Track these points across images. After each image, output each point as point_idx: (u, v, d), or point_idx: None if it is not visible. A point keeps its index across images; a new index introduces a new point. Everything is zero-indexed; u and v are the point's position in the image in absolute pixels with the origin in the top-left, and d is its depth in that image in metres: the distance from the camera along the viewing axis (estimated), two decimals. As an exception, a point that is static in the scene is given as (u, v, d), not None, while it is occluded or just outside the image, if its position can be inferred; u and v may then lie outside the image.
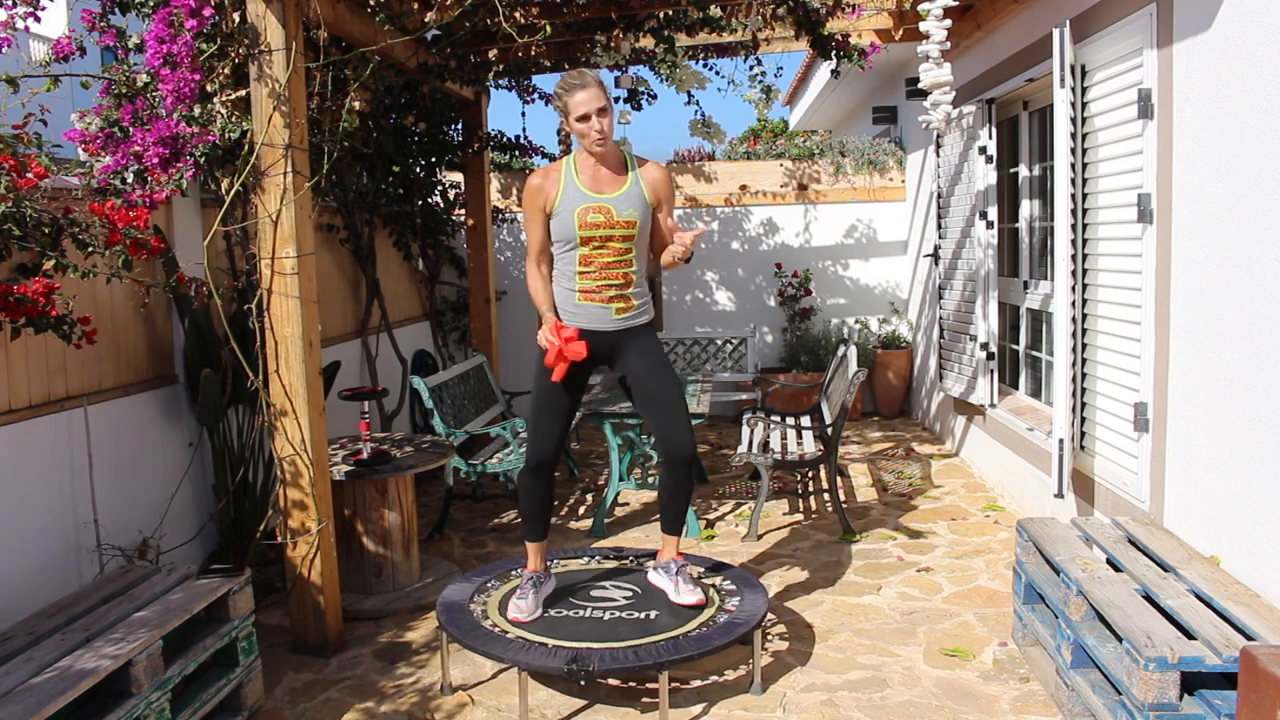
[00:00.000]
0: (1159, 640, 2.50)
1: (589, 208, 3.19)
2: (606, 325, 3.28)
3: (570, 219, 3.19)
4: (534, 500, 3.43)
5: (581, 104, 3.13)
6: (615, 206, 3.20)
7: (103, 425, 3.67)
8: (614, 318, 3.27)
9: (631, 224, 3.21)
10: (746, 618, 3.26)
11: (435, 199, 6.82)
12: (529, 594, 3.37)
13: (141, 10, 3.67)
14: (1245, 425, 2.98)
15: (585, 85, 3.13)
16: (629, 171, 3.27)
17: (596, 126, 3.14)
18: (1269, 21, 2.82)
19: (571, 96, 3.14)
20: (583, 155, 3.27)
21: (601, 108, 3.14)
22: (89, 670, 2.50)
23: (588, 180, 3.24)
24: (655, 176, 3.29)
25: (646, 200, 3.26)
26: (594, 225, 3.19)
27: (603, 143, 3.17)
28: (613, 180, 3.25)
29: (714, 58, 6.01)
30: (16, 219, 2.87)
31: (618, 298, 3.26)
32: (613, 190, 3.23)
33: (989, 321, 5.56)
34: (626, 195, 3.23)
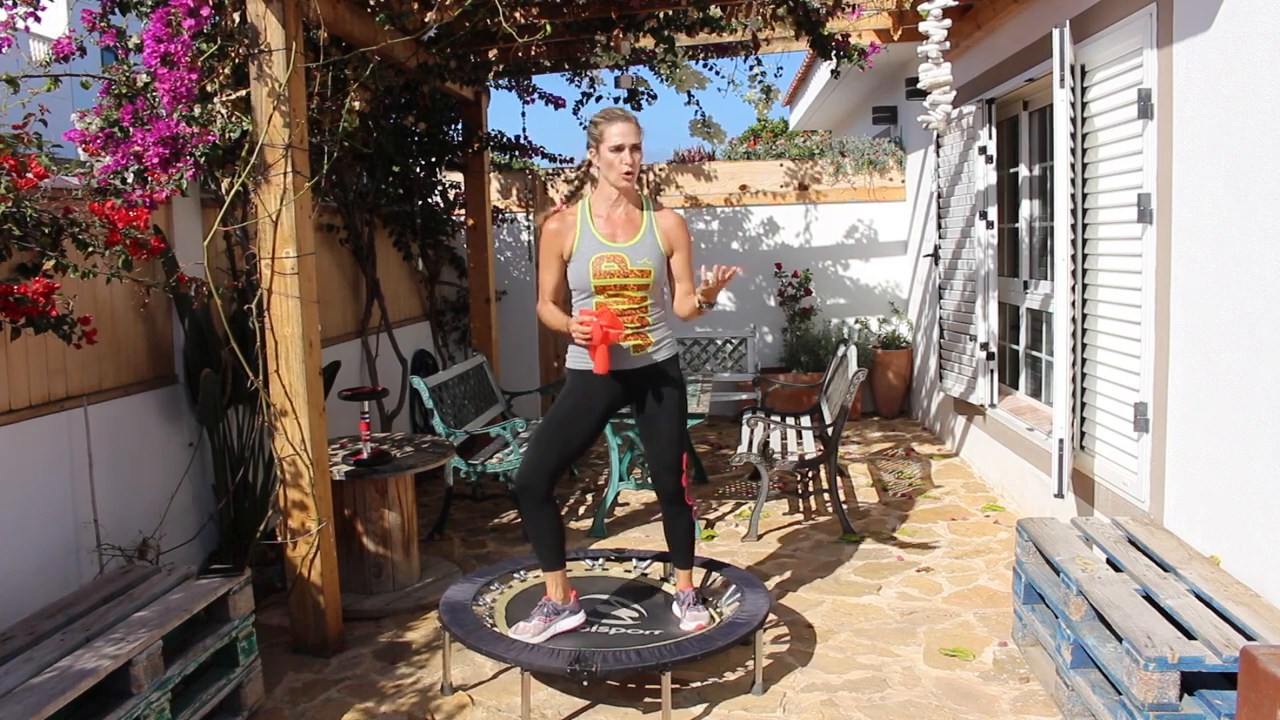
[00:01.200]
0: (1159, 640, 2.50)
1: (603, 256, 3.18)
2: (624, 364, 3.26)
3: (585, 267, 3.19)
4: (534, 525, 3.32)
5: (619, 134, 3.15)
6: (629, 256, 3.19)
7: (103, 425, 3.67)
8: (632, 355, 3.25)
9: (646, 273, 3.20)
10: (748, 618, 3.27)
11: (435, 199, 6.82)
12: (535, 617, 3.30)
13: (141, 10, 3.67)
14: (1245, 425, 2.98)
15: (626, 119, 3.19)
16: (645, 218, 3.27)
17: (628, 160, 3.16)
18: (1269, 21, 2.82)
19: (610, 126, 3.17)
20: (599, 196, 3.26)
21: (636, 144, 3.16)
22: (89, 670, 2.50)
23: (603, 226, 3.23)
24: (669, 225, 3.28)
25: (660, 249, 3.25)
26: (608, 274, 3.18)
27: (630, 177, 3.18)
28: (627, 227, 3.24)
29: (714, 58, 6.01)
30: (16, 219, 2.87)
31: (633, 335, 3.23)
32: (627, 239, 3.22)
33: (989, 321, 5.56)
34: (640, 244, 3.22)
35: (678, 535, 3.43)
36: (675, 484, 3.34)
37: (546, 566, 3.36)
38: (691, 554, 3.47)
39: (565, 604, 3.35)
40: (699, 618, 3.34)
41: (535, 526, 3.32)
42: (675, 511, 3.39)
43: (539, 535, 3.32)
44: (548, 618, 3.30)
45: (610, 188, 3.23)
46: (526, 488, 3.27)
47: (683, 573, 3.47)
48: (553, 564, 3.34)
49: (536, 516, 3.30)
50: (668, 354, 3.33)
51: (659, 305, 3.31)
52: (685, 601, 3.42)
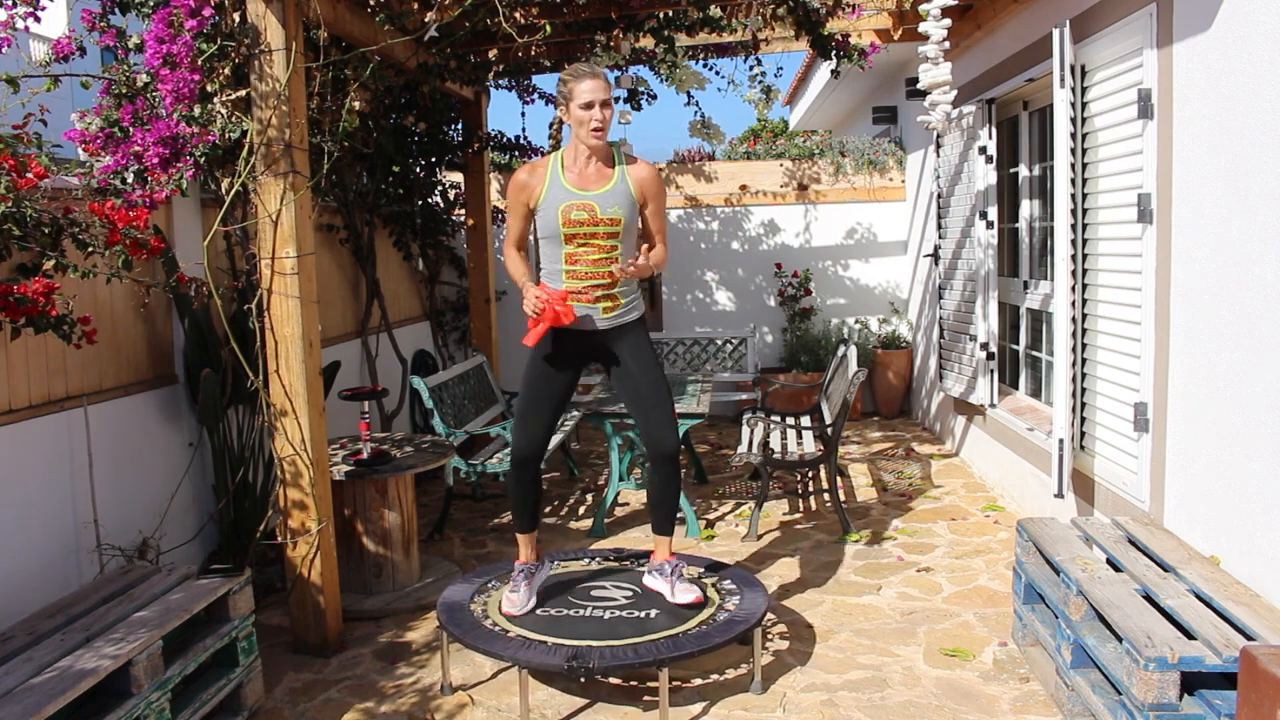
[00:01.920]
0: (1159, 640, 2.50)
1: (573, 204, 3.20)
2: (595, 325, 3.29)
3: (554, 215, 3.21)
4: (522, 495, 3.45)
5: (588, 91, 3.15)
6: (599, 204, 3.20)
7: (103, 425, 3.67)
8: (602, 317, 3.29)
9: (615, 221, 3.20)
10: (746, 616, 3.27)
11: (435, 199, 6.82)
12: (520, 586, 3.40)
13: (141, 10, 3.67)
14: (1245, 425, 2.98)
15: (594, 75, 3.18)
16: (617, 169, 3.27)
17: (598, 116, 3.15)
18: (1269, 21, 2.82)
19: (579, 83, 3.17)
20: (571, 151, 3.28)
21: (605, 100, 3.16)
22: (89, 670, 2.50)
23: (574, 177, 3.25)
24: (643, 175, 3.28)
25: (633, 198, 3.25)
26: (577, 222, 3.20)
27: (599, 134, 3.17)
28: (599, 177, 3.25)
29: (714, 58, 6.01)
30: (16, 219, 2.87)
31: (604, 297, 3.26)
32: (598, 187, 3.23)
33: (989, 321, 5.56)
34: (611, 192, 3.22)
35: (667, 500, 3.43)
36: (674, 439, 3.34)
37: (523, 529, 3.48)
38: (673, 520, 3.50)
39: (536, 561, 3.49)
40: (692, 591, 3.34)
41: (521, 495, 3.44)
42: (669, 472, 3.38)
43: (523, 502, 3.45)
44: (529, 580, 3.42)
45: (581, 145, 3.23)
46: (523, 461, 3.38)
47: (664, 541, 3.47)
48: (529, 527, 3.48)
49: (524, 483, 3.43)
50: (637, 313, 3.37)
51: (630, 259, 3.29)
52: (668, 574, 3.40)
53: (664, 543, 3.48)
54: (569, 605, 3.41)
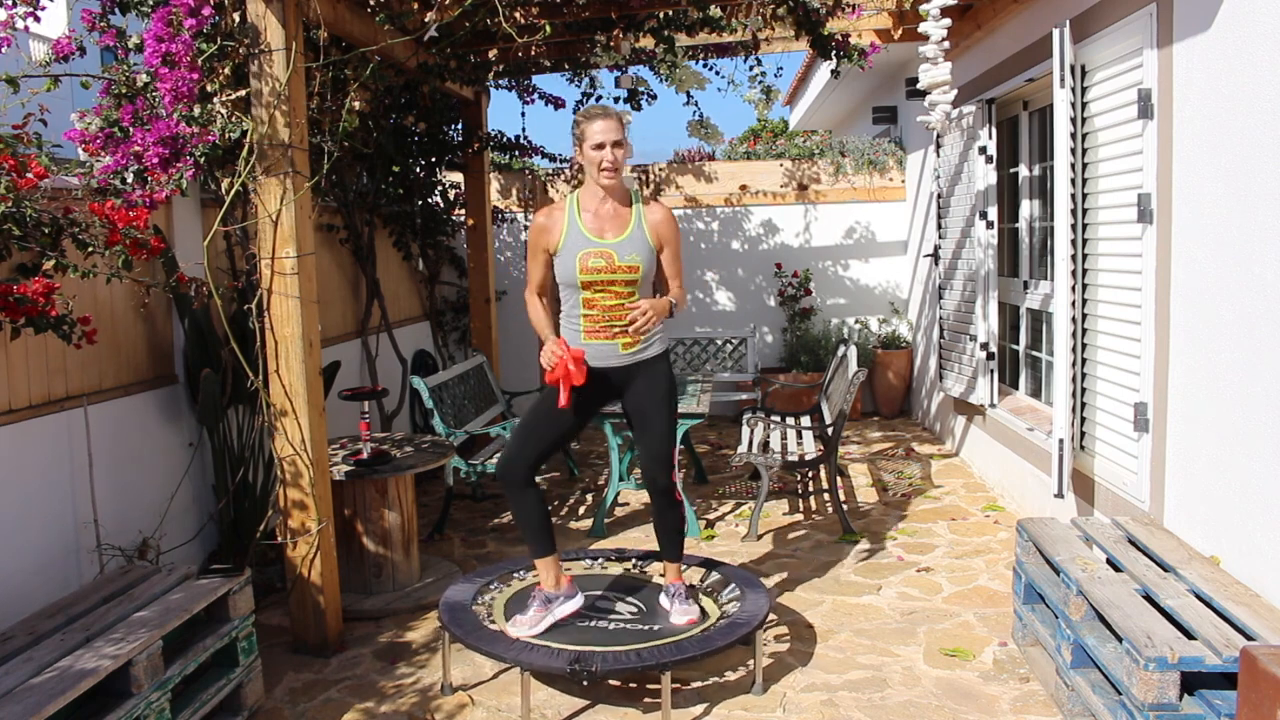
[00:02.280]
0: (1159, 640, 2.50)
1: (590, 252, 3.17)
2: (614, 360, 3.26)
3: (572, 263, 3.18)
4: (520, 511, 3.30)
5: (599, 132, 3.14)
6: (617, 252, 3.18)
7: (103, 425, 3.67)
8: (621, 353, 3.25)
9: (634, 269, 3.18)
10: (748, 618, 3.27)
11: (435, 199, 6.82)
12: (531, 607, 3.29)
13: (141, 10, 3.67)
14: (1245, 425, 2.98)
15: (606, 116, 3.17)
16: (633, 213, 3.25)
17: (609, 156, 3.14)
18: (1269, 21, 2.82)
19: (590, 124, 3.16)
20: (587, 192, 3.25)
21: (617, 140, 3.15)
22: (89, 670, 2.50)
23: (590, 221, 3.22)
24: (658, 219, 3.26)
25: (650, 245, 3.23)
26: (595, 270, 3.17)
27: (611, 175, 3.17)
28: (615, 222, 3.22)
29: (714, 58, 6.01)
30: (16, 219, 2.87)
31: (623, 332, 3.22)
32: (615, 235, 3.21)
33: (989, 321, 5.56)
34: (629, 240, 3.20)
35: (667, 528, 3.42)
36: (666, 480, 3.33)
37: (535, 553, 3.33)
38: (680, 547, 3.46)
39: (559, 590, 3.32)
40: (689, 612, 3.33)
41: (520, 511, 3.33)
42: (666, 505, 3.39)
43: (525, 519, 3.32)
44: (543, 607, 3.28)
45: (596, 185, 3.22)
46: (505, 474, 3.29)
47: (671, 565, 3.46)
48: (542, 550, 3.32)
49: (519, 500, 3.30)
50: (657, 350, 3.32)
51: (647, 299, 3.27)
52: (675, 595, 3.40)
53: (671, 568, 3.46)
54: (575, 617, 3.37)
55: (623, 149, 3.17)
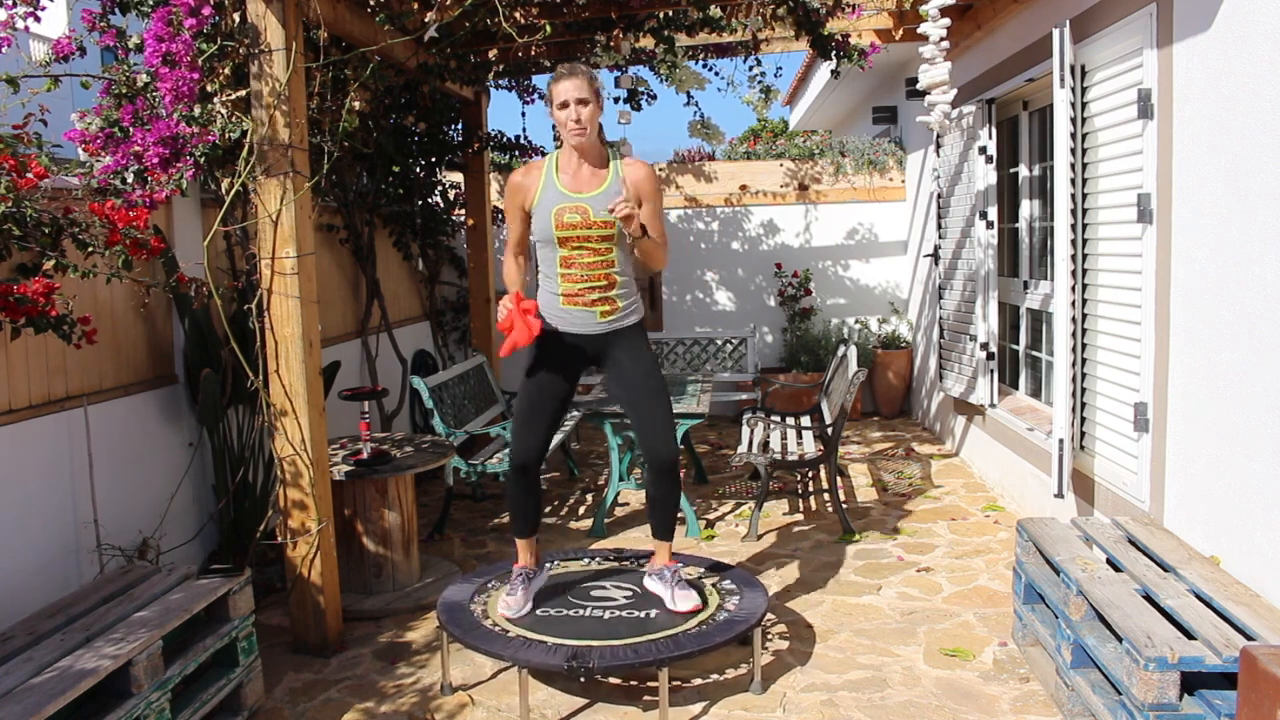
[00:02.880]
0: (1159, 640, 2.50)
1: (566, 207, 3.17)
2: (592, 328, 3.27)
3: (548, 218, 3.19)
4: (519, 499, 3.42)
5: (562, 91, 3.13)
6: (592, 206, 3.17)
7: (103, 425, 3.67)
8: (599, 320, 3.26)
9: (609, 224, 3.16)
10: (746, 616, 3.27)
11: (435, 199, 6.82)
12: (518, 589, 3.39)
13: (141, 10, 3.67)
14: (1245, 425, 2.98)
15: (572, 75, 3.15)
16: (610, 170, 3.25)
17: (574, 115, 3.12)
18: (1269, 21, 2.82)
19: (556, 84, 3.16)
20: (565, 152, 3.26)
21: (582, 98, 3.12)
22: (89, 670, 2.50)
23: (568, 179, 3.22)
24: (638, 175, 3.25)
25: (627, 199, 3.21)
26: (571, 225, 3.17)
27: (579, 133, 3.14)
28: (593, 179, 3.22)
29: (714, 58, 6.01)
30: (16, 219, 2.87)
31: (601, 300, 3.23)
32: (591, 189, 3.20)
33: (989, 321, 5.56)
34: (605, 194, 3.19)
35: (666, 506, 3.41)
36: (672, 447, 3.31)
37: (521, 534, 3.46)
38: (672, 526, 3.47)
39: (535, 568, 3.49)
40: (690, 598, 3.31)
41: (521, 500, 3.41)
42: (670, 480, 3.36)
43: (522, 508, 3.42)
44: (527, 585, 3.41)
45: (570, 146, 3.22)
46: (522, 466, 3.36)
47: (664, 546, 3.45)
48: (528, 531, 3.46)
49: (523, 489, 3.40)
50: (636, 318, 3.35)
51: (628, 267, 3.28)
52: (668, 579, 3.38)
53: (664, 547, 3.46)
54: (569, 605, 3.41)
55: (589, 105, 3.14)
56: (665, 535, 3.46)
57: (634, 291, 3.35)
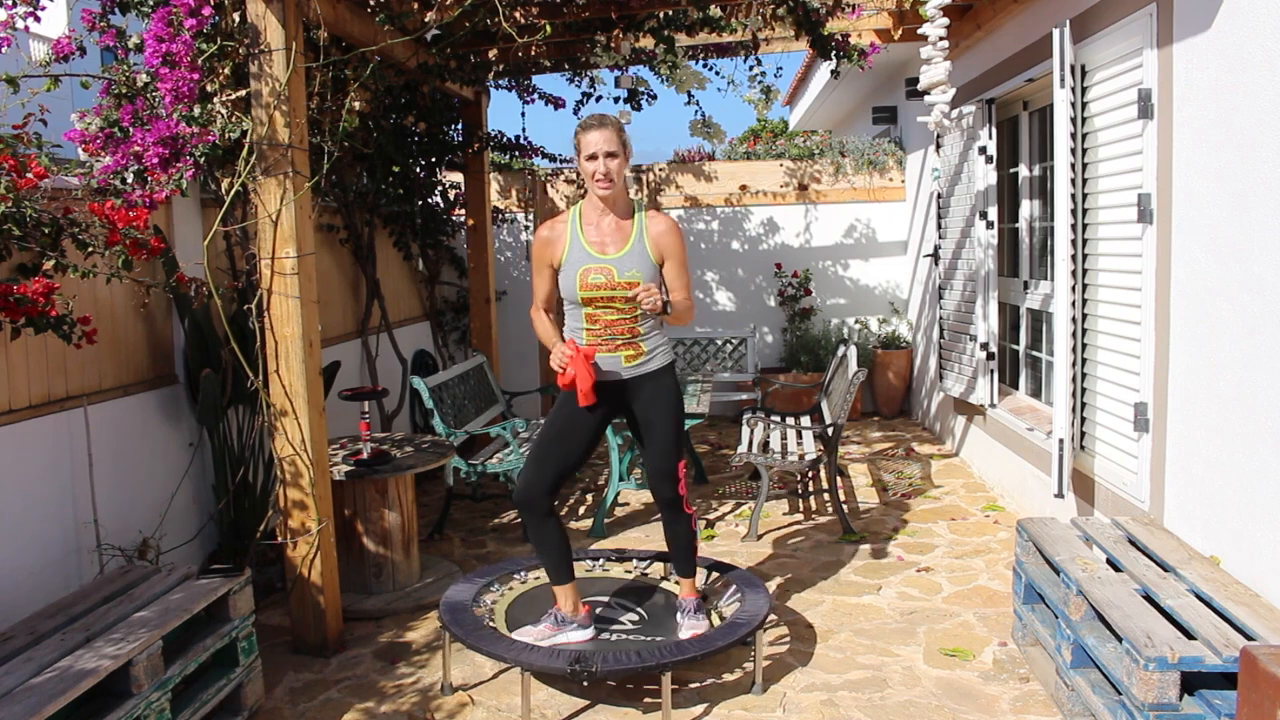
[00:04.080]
0: (1159, 640, 2.50)
1: (591, 268, 3.15)
2: (618, 373, 3.24)
3: (573, 279, 3.16)
4: (540, 540, 3.30)
5: (591, 144, 3.11)
6: (617, 268, 3.14)
7: (103, 425, 3.67)
8: (625, 365, 3.23)
9: (634, 284, 3.12)
10: (748, 618, 3.27)
11: (435, 199, 6.82)
12: (545, 623, 3.30)
13: (141, 10, 3.67)
14: (1245, 425, 2.98)
15: (602, 127, 3.12)
16: (635, 226, 3.20)
17: (602, 169, 3.10)
18: (1269, 21, 2.82)
19: (584, 135, 3.13)
20: (589, 204, 3.23)
21: (611, 152, 3.10)
22: (89, 670, 2.50)
23: (592, 235, 3.19)
24: (660, 231, 3.21)
25: (651, 259, 3.18)
26: (595, 286, 3.15)
27: (606, 186, 3.12)
28: (616, 236, 3.19)
29: (714, 58, 6.01)
30: (16, 219, 2.87)
31: (626, 345, 3.21)
32: (616, 249, 3.17)
33: (989, 321, 5.56)
34: (629, 255, 3.16)
35: (677, 542, 3.41)
36: (672, 492, 3.31)
37: (555, 580, 3.33)
38: (693, 561, 3.43)
39: (575, 616, 3.33)
40: (697, 627, 3.31)
41: (540, 540, 3.31)
42: (673, 519, 3.37)
43: (545, 549, 3.31)
44: (555, 626, 3.29)
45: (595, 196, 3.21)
46: (527, 503, 3.26)
47: (685, 581, 3.43)
48: (561, 578, 3.31)
49: (541, 531, 3.28)
50: (662, 362, 3.29)
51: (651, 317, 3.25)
52: (686, 610, 3.39)
53: (685, 583, 3.45)
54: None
55: (618, 159, 3.12)
56: (683, 572, 3.43)
57: (661, 337, 3.31)
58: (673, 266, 3.23)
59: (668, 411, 3.28)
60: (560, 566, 3.30)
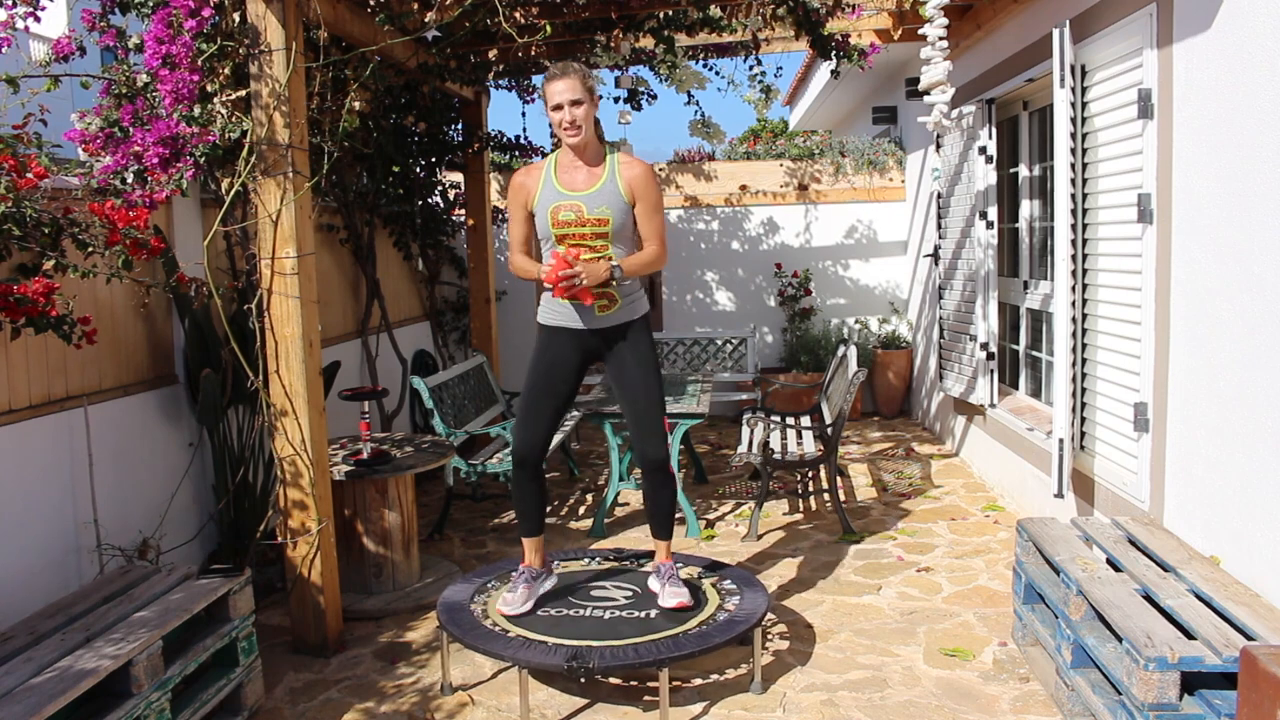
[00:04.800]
0: (1159, 640, 2.50)
1: (561, 205, 3.21)
2: (590, 324, 3.29)
3: (545, 216, 3.23)
4: (524, 496, 3.45)
5: (555, 93, 3.16)
6: (586, 204, 3.20)
7: (103, 425, 3.67)
8: (596, 315, 3.28)
9: (603, 221, 3.18)
10: (746, 616, 3.27)
11: (435, 199, 6.82)
12: (519, 586, 3.40)
13: (141, 10, 3.67)
14: (1245, 425, 2.98)
15: (564, 75, 3.17)
16: (607, 167, 3.26)
17: (567, 117, 3.15)
18: (1268, 21, 2.82)
19: (549, 85, 3.19)
20: (564, 152, 3.29)
21: (575, 99, 3.15)
22: (89, 670, 2.50)
23: (564, 178, 3.26)
24: (634, 173, 3.24)
25: (623, 197, 3.22)
26: (566, 223, 3.20)
27: (573, 134, 3.17)
28: (589, 177, 3.25)
29: (714, 58, 6.01)
30: (16, 219, 2.87)
31: (599, 294, 3.24)
32: (587, 187, 3.23)
33: (989, 321, 5.56)
34: (599, 192, 3.21)
35: (660, 505, 3.45)
36: (659, 453, 3.35)
37: (527, 533, 3.47)
38: (671, 524, 3.50)
39: (541, 569, 3.48)
40: (680, 594, 3.34)
41: (525, 496, 3.44)
42: (659, 480, 3.41)
43: (526, 504, 3.45)
44: (529, 584, 3.41)
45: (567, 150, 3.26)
46: (524, 460, 3.38)
47: (662, 544, 3.49)
48: (534, 530, 3.47)
49: (529, 488, 3.43)
50: (635, 315, 3.33)
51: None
52: (665, 575, 3.41)
53: (661, 546, 3.50)
54: (569, 605, 3.41)
55: (583, 105, 3.16)
56: (661, 534, 3.49)
57: (635, 287, 3.35)
58: (644, 208, 3.25)
59: (649, 363, 3.33)
60: (536, 520, 3.47)
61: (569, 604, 3.42)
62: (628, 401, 3.36)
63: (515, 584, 3.42)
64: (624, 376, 3.34)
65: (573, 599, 3.47)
